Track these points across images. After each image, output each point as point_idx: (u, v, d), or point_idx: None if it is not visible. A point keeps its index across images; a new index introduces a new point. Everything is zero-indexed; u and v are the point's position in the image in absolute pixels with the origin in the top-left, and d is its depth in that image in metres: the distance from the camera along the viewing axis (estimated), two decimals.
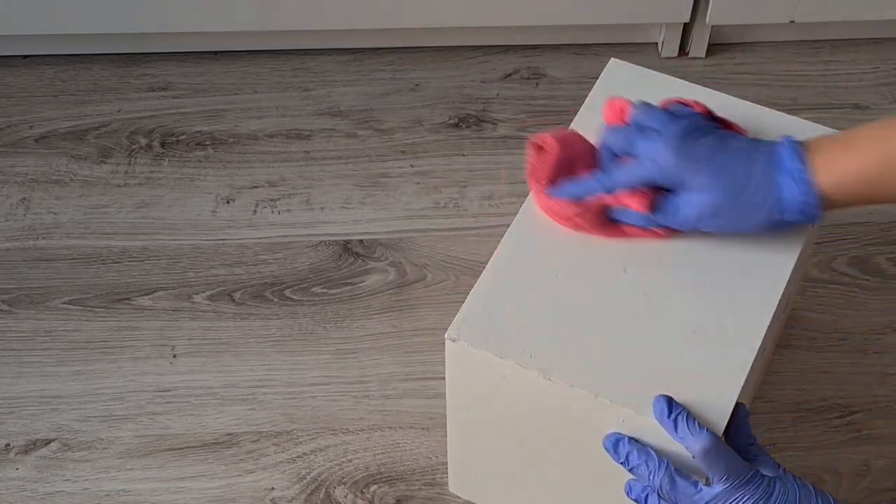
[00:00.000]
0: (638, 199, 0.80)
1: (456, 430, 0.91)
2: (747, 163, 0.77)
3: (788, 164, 0.77)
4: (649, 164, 0.79)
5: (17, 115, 1.42)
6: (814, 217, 0.78)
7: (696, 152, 0.78)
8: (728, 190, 0.77)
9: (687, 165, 0.78)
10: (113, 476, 1.10)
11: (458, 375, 0.83)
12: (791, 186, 0.77)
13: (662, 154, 0.78)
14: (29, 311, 1.22)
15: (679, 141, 0.78)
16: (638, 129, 0.81)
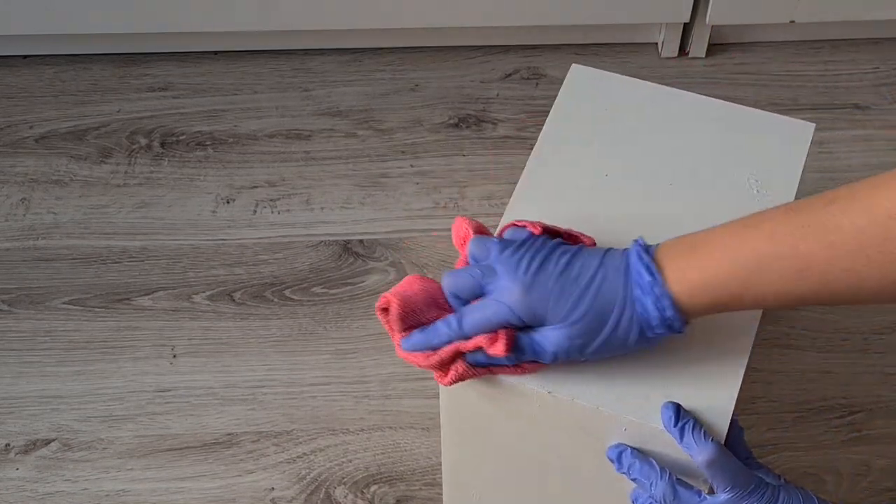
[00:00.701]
0: (495, 343, 0.72)
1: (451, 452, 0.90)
2: (603, 285, 0.71)
3: (642, 279, 0.71)
4: (496, 305, 0.72)
5: (17, 115, 1.42)
6: (678, 330, 0.72)
7: (544, 283, 0.71)
8: (587, 319, 0.71)
9: (538, 300, 0.71)
10: (113, 476, 1.10)
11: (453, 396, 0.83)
12: (649, 304, 0.71)
13: (508, 293, 0.72)
14: (29, 311, 1.22)
15: (523, 274, 0.72)
16: (478, 268, 0.74)
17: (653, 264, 0.71)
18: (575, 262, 0.73)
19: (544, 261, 0.73)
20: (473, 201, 1.31)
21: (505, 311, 0.72)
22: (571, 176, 0.90)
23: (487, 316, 0.72)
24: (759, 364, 1.15)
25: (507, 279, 0.72)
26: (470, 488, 0.93)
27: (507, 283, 0.72)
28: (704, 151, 0.92)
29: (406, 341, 0.75)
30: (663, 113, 0.94)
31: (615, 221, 0.87)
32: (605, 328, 0.72)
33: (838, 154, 1.35)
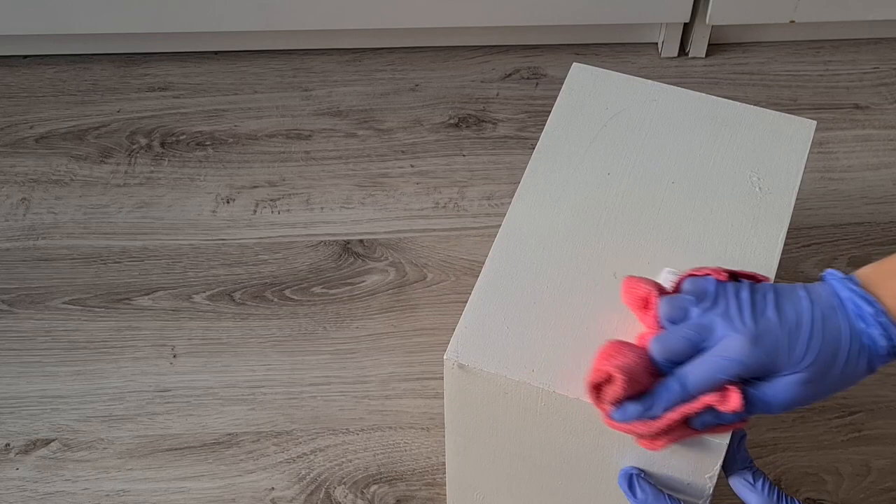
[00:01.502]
0: (726, 400, 0.70)
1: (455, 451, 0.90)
2: (824, 324, 0.70)
3: (861, 309, 0.70)
4: (721, 361, 0.69)
5: (17, 115, 1.42)
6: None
7: (770, 331, 0.69)
8: (820, 361, 0.69)
9: (767, 350, 0.69)
10: (113, 476, 1.10)
11: (457, 396, 0.83)
12: (877, 334, 0.70)
13: (735, 347, 0.69)
14: (29, 311, 1.22)
15: (744, 325, 0.70)
16: (688, 328, 0.72)
17: (868, 294, 0.70)
18: (786, 304, 0.71)
19: (756, 307, 0.71)
20: (473, 201, 1.31)
21: (733, 365, 0.69)
22: (574, 175, 0.90)
23: (713, 373, 0.69)
24: None
25: (729, 333, 0.70)
26: (473, 489, 0.93)
27: (731, 337, 0.70)
28: (706, 149, 0.92)
29: (620, 413, 0.71)
30: (664, 111, 0.94)
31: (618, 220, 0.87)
32: (836, 368, 0.70)
33: (838, 154, 1.35)
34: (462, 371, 0.79)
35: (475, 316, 0.81)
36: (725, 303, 0.71)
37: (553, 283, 0.83)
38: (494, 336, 0.80)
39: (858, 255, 1.25)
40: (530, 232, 0.86)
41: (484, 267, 0.84)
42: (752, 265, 0.83)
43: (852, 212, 1.29)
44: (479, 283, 0.83)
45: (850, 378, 0.71)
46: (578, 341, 0.79)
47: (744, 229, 0.86)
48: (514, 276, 0.83)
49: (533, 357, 0.78)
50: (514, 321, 0.80)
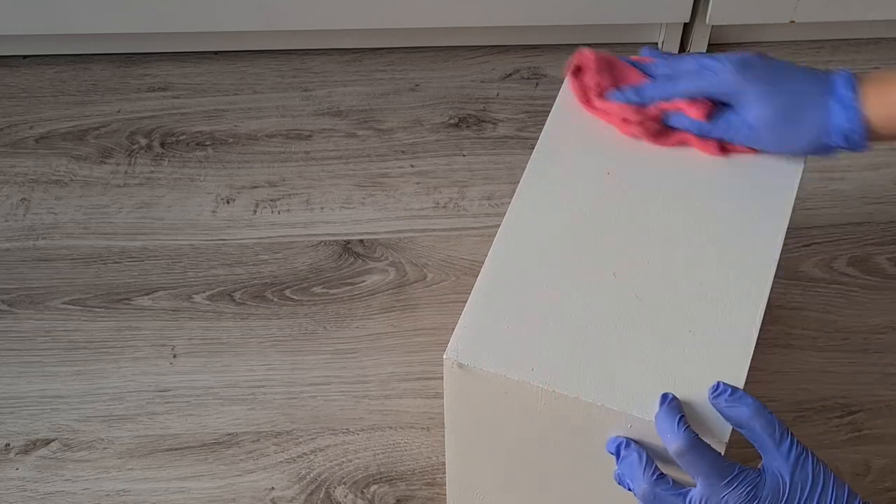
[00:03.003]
0: (696, 108, 0.86)
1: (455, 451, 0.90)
2: (802, 85, 0.83)
3: (840, 90, 0.82)
4: (710, 76, 0.85)
5: (17, 115, 1.42)
6: (857, 145, 0.83)
7: (755, 71, 0.84)
8: (781, 108, 0.83)
9: (745, 81, 0.83)
10: (113, 476, 1.10)
11: (457, 397, 0.83)
12: (840, 112, 0.82)
13: (723, 70, 0.84)
14: (29, 311, 1.22)
15: (738, 62, 0.84)
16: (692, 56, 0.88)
17: (858, 84, 0.82)
18: (784, 65, 0.85)
19: (757, 58, 0.85)
20: (473, 201, 1.31)
21: (715, 82, 0.85)
22: (573, 175, 0.90)
23: (699, 83, 0.86)
24: (759, 364, 1.15)
25: (724, 60, 0.85)
26: (473, 488, 0.93)
27: (725, 62, 0.85)
28: None
29: (615, 93, 0.89)
30: None
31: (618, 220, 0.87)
32: (793, 122, 0.83)
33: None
34: (462, 370, 0.79)
35: (475, 315, 0.81)
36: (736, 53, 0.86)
37: (552, 282, 0.83)
38: (494, 335, 0.80)
39: (858, 254, 1.25)
40: (530, 232, 0.86)
41: (483, 267, 0.84)
42: (752, 263, 0.83)
43: (852, 212, 1.29)
44: (478, 283, 0.83)
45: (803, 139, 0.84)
46: (578, 340, 0.79)
47: (743, 226, 0.86)
48: (513, 275, 0.83)
49: (533, 356, 0.78)
50: (513, 321, 0.80)
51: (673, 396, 0.75)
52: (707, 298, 0.82)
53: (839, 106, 0.82)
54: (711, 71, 0.85)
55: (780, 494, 0.72)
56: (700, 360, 0.78)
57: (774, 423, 0.73)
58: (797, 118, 0.84)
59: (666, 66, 0.89)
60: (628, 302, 0.82)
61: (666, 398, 0.74)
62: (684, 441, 0.72)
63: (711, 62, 0.86)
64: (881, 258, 1.25)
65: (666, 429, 0.73)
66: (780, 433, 0.73)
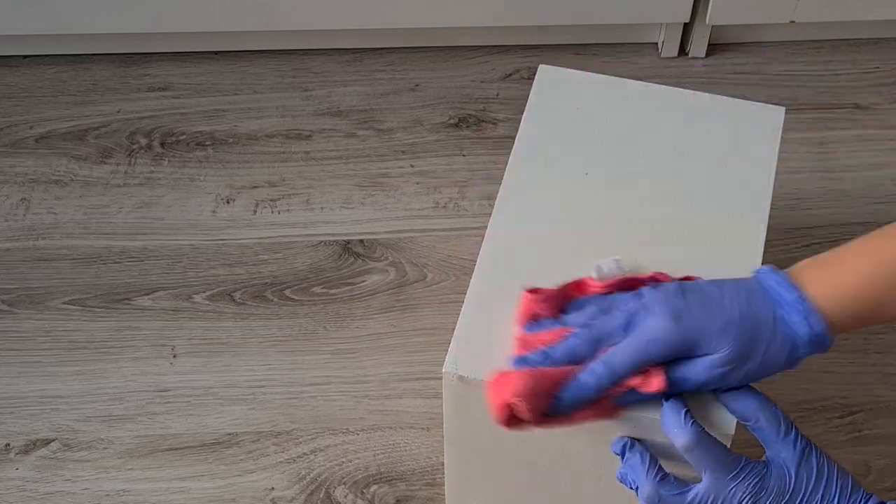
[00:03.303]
0: (650, 381, 0.72)
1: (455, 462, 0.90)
2: (747, 309, 0.72)
3: (783, 298, 0.72)
4: (644, 343, 0.71)
5: (17, 115, 1.42)
6: (825, 347, 0.73)
7: (693, 312, 0.72)
8: (741, 343, 0.71)
9: (689, 329, 0.71)
10: (113, 476, 1.10)
11: (457, 408, 0.83)
12: (797, 322, 0.71)
13: (656, 327, 0.71)
14: (29, 311, 1.22)
15: (670, 307, 0.72)
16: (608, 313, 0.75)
17: (791, 283, 0.72)
18: (710, 289, 0.73)
19: (681, 291, 0.73)
20: (473, 201, 1.31)
21: (657, 346, 0.71)
22: (552, 178, 0.90)
23: (638, 354, 0.71)
24: None
25: (653, 315, 0.72)
26: (473, 496, 0.93)
27: (654, 318, 0.72)
28: (679, 143, 0.92)
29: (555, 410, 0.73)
30: (634, 107, 0.95)
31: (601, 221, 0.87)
32: (757, 352, 0.71)
33: (838, 154, 1.35)
34: (462, 383, 0.79)
35: (470, 326, 0.81)
36: (656, 293, 0.74)
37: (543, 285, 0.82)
38: (491, 344, 0.79)
39: None
40: (515, 239, 0.86)
41: (472, 277, 0.84)
42: (737, 256, 0.84)
43: (853, 211, 1.29)
44: (469, 294, 0.83)
45: (771, 364, 0.72)
46: None
47: (725, 221, 0.86)
48: (503, 283, 0.83)
49: None
50: (508, 328, 0.80)
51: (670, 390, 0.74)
52: None
53: (791, 314, 0.72)
54: (646, 336, 0.72)
55: (785, 486, 0.72)
56: None
57: (779, 416, 0.73)
58: (760, 347, 0.71)
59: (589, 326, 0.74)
60: None
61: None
62: (692, 436, 0.72)
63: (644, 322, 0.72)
64: None
65: (672, 424, 0.72)
66: (784, 426, 0.73)
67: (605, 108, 0.95)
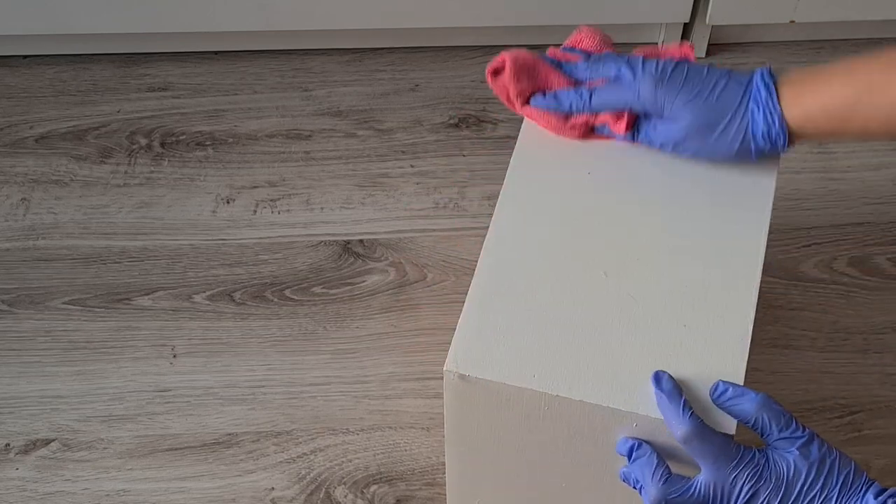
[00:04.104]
0: (619, 122, 0.87)
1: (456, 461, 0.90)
2: (720, 91, 0.82)
3: (759, 94, 0.81)
4: (628, 90, 0.84)
5: (17, 115, 1.42)
6: (781, 147, 0.83)
7: (673, 82, 0.83)
8: (702, 117, 0.82)
9: (664, 93, 0.83)
10: (113, 476, 1.10)
11: (458, 408, 0.83)
12: (759, 115, 0.81)
13: (642, 83, 0.84)
14: (29, 311, 1.22)
15: (655, 73, 0.84)
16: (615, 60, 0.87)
17: (773, 84, 0.82)
18: (704, 72, 0.84)
19: (676, 65, 0.84)
20: (473, 201, 1.31)
21: (632, 96, 0.84)
22: (554, 178, 0.90)
23: (616, 97, 0.85)
24: (759, 364, 1.15)
25: (643, 75, 0.84)
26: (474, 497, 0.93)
27: (643, 78, 0.84)
28: None
29: (536, 100, 0.89)
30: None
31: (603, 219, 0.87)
32: (715, 130, 0.83)
33: (838, 154, 1.35)
34: (463, 382, 0.79)
35: (471, 326, 0.81)
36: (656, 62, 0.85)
37: (544, 286, 0.82)
38: (492, 344, 0.79)
39: (858, 255, 1.25)
40: (517, 238, 0.86)
41: (474, 276, 0.84)
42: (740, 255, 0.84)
43: (852, 212, 1.29)
44: (471, 293, 0.83)
45: (727, 146, 0.84)
46: (576, 343, 0.79)
47: (728, 219, 0.86)
48: (504, 282, 0.83)
49: (533, 362, 0.78)
50: (509, 328, 0.80)
51: (667, 376, 0.75)
52: (699, 291, 0.82)
53: (758, 108, 0.82)
54: (628, 84, 0.85)
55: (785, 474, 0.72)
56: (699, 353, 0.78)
57: (779, 412, 0.73)
58: (717, 126, 0.83)
59: (586, 68, 0.88)
60: (622, 301, 0.82)
61: (660, 378, 0.74)
62: (690, 427, 0.72)
63: (628, 73, 0.85)
64: (881, 258, 1.25)
65: (670, 416, 0.73)
66: (784, 420, 0.73)
67: None
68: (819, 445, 0.73)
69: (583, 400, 0.76)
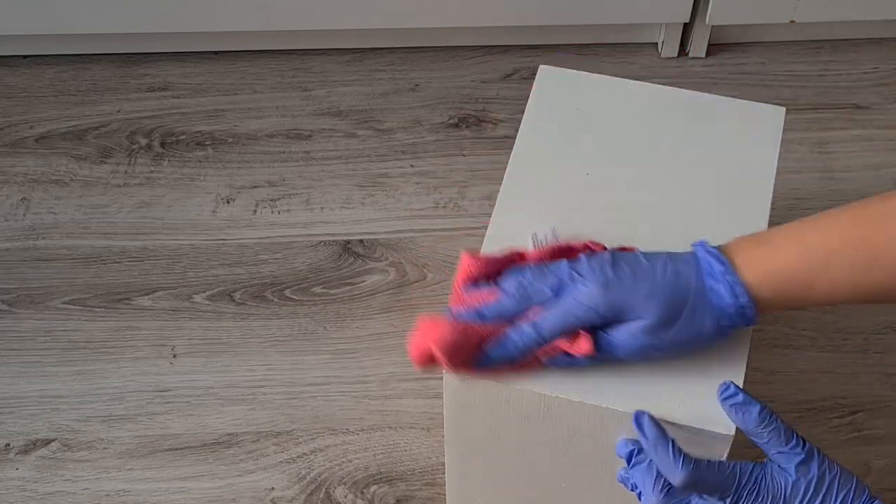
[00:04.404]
0: (579, 344, 0.74)
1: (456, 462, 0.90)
2: (675, 278, 0.73)
3: (713, 268, 0.73)
4: (574, 305, 0.73)
5: (17, 115, 1.42)
6: (750, 319, 0.74)
7: (622, 280, 0.73)
8: (664, 310, 0.72)
9: (618, 296, 0.73)
10: (113, 476, 1.10)
11: (458, 408, 0.83)
12: (723, 290, 0.73)
13: (587, 293, 0.73)
14: (29, 311, 1.22)
15: (601, 274, 0.73)
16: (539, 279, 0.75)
17: (722, 255, 0.73)
18: (642, 260, 0.74)
19: (616, 261, 0.74)
20: (473, 201, 1.31)
21: (584, 310, 0.73)
22: (552, 179, 0.90)
23: (566, 318, 0.73)
24: (759, 364, 1.15)
25: (582, 281, 0.73)
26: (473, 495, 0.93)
27: (583, 284, 0.73)
28: (680, 143, 0.92)
29: (483, 360, 0.75)
30: (635, 107, 0.95)
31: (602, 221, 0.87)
32: (681, 319, 0.73)
33: (838, 154, 1.35)
34: (463, 383, 0.79)
35: None
36: (592, 262, 0.75)
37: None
38: None
39: None
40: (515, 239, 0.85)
41: None
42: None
43: None
44: None
45: (697, 333, 0.74)
46: None
47: (725, 221, 0.86)
48: None
49: None
50: None
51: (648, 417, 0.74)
52: None
53: (716, 282, 0.73)
54: (572, 298, 0.73)
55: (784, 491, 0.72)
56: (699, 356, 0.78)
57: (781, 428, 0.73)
58: (682, 312, 0.73)
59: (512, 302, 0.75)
60: None
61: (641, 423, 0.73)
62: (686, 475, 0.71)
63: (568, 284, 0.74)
64: None
65: (662, 463, 0.72)
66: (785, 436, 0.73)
67: (605, 108, 0.95)
68: (819, 462, 0.73)
69: (582, 401, 0.76)
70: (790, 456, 0.73)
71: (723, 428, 0.75)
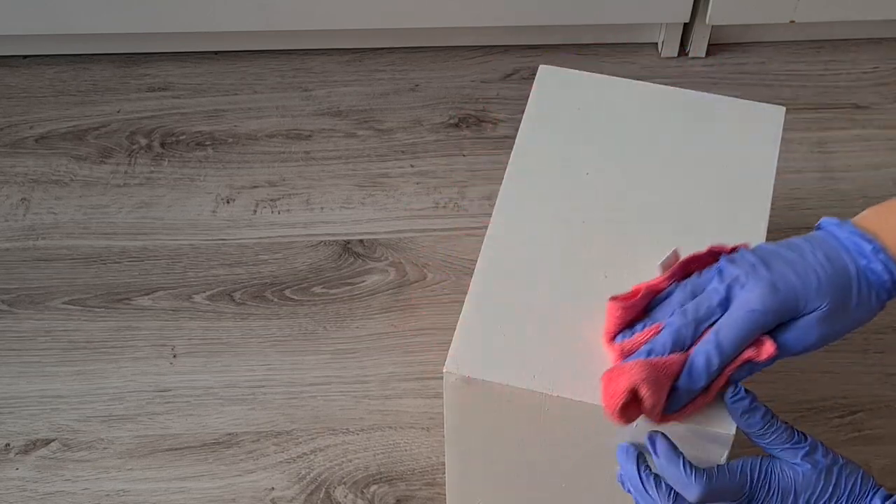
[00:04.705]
0: (763, 349, 0.73)
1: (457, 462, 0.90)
2: (832, 265, 0.73)
3: (865, 247, 0.73)
4: (746, 315, 0.72)
5: (17, 115, 1.42)
6: None
7: (785, 277, 0.72)
8: (836, 298, 0.72)
9: (787, 293, 0.72)
10: (113, 476, 1.10)
11: (458, 409, 0.83)
12: (877, 268, 0.73)
13: (756, 299, 0.72)
14: (29, 311, 1.22)
15: (764, 274, 0.72)
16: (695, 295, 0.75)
17: (865, 233, 0.74)
18: (788, 253, 0.74)
19: (767, 260, 0.74)
20: (473, 201, 1.31)
21: (761, 315, 0.72)
22: (552, 178, 0.90)
23: (746, 329, 0.72)
24: None
25: (748, 288, 0.72)
26: (473, 495, 0.93)
27: (751, 290, 0.72)
28: (680, 143, 0.92)
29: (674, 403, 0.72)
30: (635, 107, 0.95)
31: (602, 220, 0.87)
32: (851, 302, 0.73)
33: (838, 154, 1.35)
34: (463, 383, 0.79)
35: (470, 326, 0.81)
36: (734, 267, 0.74)
37: (544, 287, 0.82)
38: (492, 345, 0.79)
39: None
40: (516, 239, 0.86)
41: (473, 277, 0.84)
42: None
43: (852, 212, 1.28)
44: (470, 294, 0.83)
45: (864, 313, 0.74)
46: (576, 343, 0.79)
47: (727, 220, 0.86)
48: (504, 283, 0.83)
49: (533, 362, 0.78)
50: (509, 328, 0.80)
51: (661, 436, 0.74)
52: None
53: (866, 260, 0.73)
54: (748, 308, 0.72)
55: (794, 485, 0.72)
56: None
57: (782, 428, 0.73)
58: (853, 304, 0.73)
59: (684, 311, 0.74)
60: None
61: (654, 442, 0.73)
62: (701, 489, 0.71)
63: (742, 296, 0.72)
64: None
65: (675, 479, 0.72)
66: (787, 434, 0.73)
67: (605, 108, 0.95)
68: (824, 453, 0.73)
69: (583, 400, 0.76)
70: (796, 450, 0.73)
71: (723, 427, 0.75)
